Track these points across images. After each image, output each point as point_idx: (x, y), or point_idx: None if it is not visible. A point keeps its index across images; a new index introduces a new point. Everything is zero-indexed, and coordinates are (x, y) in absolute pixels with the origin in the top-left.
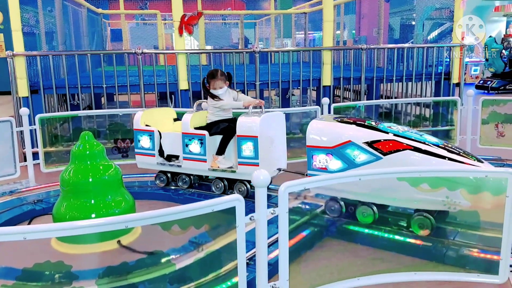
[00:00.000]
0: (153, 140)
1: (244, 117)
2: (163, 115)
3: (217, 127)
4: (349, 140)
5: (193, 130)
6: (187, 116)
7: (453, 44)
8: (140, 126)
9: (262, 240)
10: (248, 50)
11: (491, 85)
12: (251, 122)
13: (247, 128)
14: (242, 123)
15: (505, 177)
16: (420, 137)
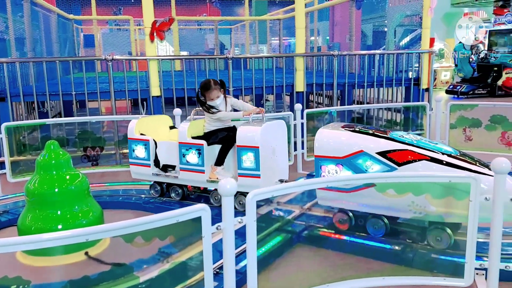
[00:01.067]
0: (148, 150)
1: (244, 127)
2: (158, 123)
3: (215, 136)
4: (361, 150)
5: (190, 139)
6: (184, 125)
7: (422, 50)
8: (134, 135)
9: (229, 249)
10: (221, 56)
11: (460, 90)
12: (251, 131)
13: (248, 138)
14: (243, 133)
15: (468, 181)
16: (435, 147)
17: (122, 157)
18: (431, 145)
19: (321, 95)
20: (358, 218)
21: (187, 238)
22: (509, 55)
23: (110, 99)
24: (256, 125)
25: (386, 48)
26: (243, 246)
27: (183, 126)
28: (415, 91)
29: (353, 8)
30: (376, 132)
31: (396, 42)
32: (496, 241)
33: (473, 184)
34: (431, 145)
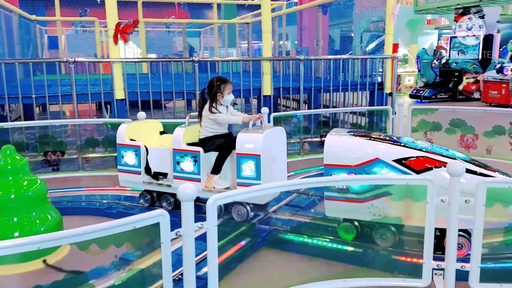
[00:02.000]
0: (139, 156)
1: (244, 134)
2: (148, 128)
3: (212, 143)
4: (377, 158)
5: (185, 146)
6: (179, 130)
7: (385, 55)
8: (124, 141)
9: (189, 255)
10: (188, 59)
11: (423, 94)
12: (253, 139)
13: (249, 146)
14: (243, 140)
15: (425, 184)
16: (449, 152)
17: (84, 162)
18: (445, 151)
19: (289, 99)
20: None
21: (147, 245)
22: (469, 61)
23: (71, 102)
24: (257, 132)
25: (353, 53)
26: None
27: (178, 132)
28: (379, 96)
29: (319, 13)
30: (387, 138)
31: (363, 47)
32: (452, 242)
33: (430, 186)
34: (446, 151)
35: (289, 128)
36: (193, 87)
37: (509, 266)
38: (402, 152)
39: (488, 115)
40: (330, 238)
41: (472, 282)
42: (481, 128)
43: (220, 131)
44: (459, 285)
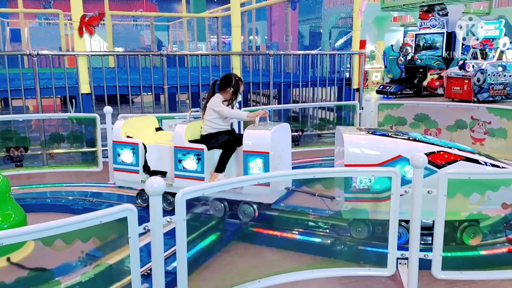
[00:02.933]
0: (137, 154)
1: (252, 130)
2: (144, 125)
3: (215, 140)
4: (399, 155)
5: (188, 143)
6: (180, 127)
7: (353, 51)
8: (120, 138)
9: (158, 250)
10: (156, 53)
11: (389, 90)
12: (261, 136)
13: (257, 143)
14: (251, 137)
15: (390, 175)
16: (460, 146)
17: (49, 157)
18: (456, 144)
19: (259, 94)
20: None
21: (115, 240)
22: (433, 57)
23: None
24: (265, 129)
25: (322, 49)
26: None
27: (180, 128)
28: (347, 91)
29: (288, 9)
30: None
31: (332, 43)
32: (415, 232)
33: (394, 178)
34: (457, 145)
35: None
36: (162, 81)
37: (469, 254)
38: (422, 148)
39: (450, 110)
40: (299, 231)
41: (435, 270)
42: (444, 122)
43: (223, 127)
44: (423, 274)
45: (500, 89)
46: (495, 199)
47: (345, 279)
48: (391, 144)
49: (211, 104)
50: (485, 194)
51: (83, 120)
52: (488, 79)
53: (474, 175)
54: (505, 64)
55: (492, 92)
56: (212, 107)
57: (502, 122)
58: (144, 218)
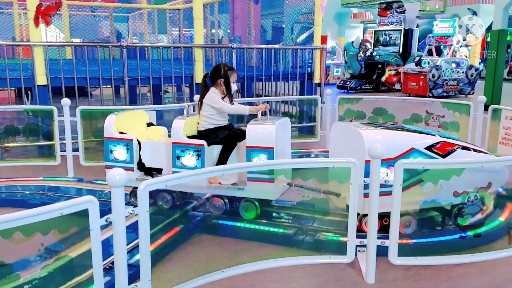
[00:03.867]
0: (131, 151)
1: (255, 125)
2: (135, 120)
3: (215, 135)
4: (412, 148)
5: (186, 139)
6: (179, 122)
7: (314, 47)
8: (113, 134)
9: (120, 242)
10: (115, 44)
11: (349, 85)
12: (265, 131)
13: (261, 138)
14: (254, 132)
15: (349, 166)
16: (449, 135)
17: (4, 151)
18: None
19: None
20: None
21: (77, 233)
22: (391, 54)
23: None
24: (268, 123)
25: (284, 43)
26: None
27: (178, 124)
28: (308, 85)
29: (251, 3)
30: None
31: (294, 38)
32: (373, 220)
33: (353, 168)
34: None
35: None
36: (121, 73)
37: (423, 241)
38: (429, 139)
39: (406, 104)
40: (263, 222)
41: (391, 256)
42: (401, 116)
43: (222, 123)
44: (380, 260)
45: (453, 85)
46: (448, 188)
47: (307, 267)
48: (404, 137)
49: (208, 100)
50: (438, 183)
51: (40, 113)
52: (442, 75)
53: (428, 165)
54: (458, 61)
55: (446, 88)
56: (209, 104)
57: (455, 116)
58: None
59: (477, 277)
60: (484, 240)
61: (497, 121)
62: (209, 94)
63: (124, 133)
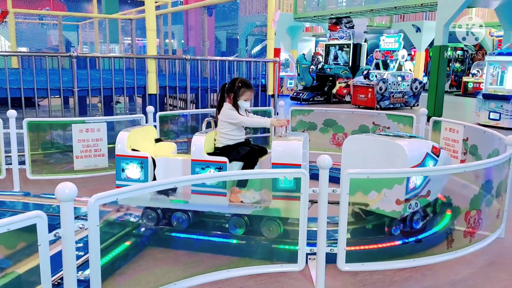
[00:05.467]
0: (146, 169)
1: (281, 141)
2: (144, 136)
3: (236, 152)
4: (426, 153)
5: (208, 156)
6: (199, 138)
7: (267, 59)
8: (126, 151)
9: (69, 257)
10: (65, 54)
11: (302, 96)
12: (292, 147)
13: (288, 155)
14: (281, 149)
15: (299, 176)
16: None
17: None
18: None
19: (176, 98)
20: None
21: (25, 249)
22: (341, 67)
23: None
24: (294, 140)
25: (239, 55)
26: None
27: (199, 140)
28: (262, 97)
29: (205, 15)
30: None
31: (248, 50)
32: (322, 228)
33: (303, 178)
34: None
35: (177, 128)
36: (71, 83)
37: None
38: (429, 144)
39: (355, 116)
40: (215, 233)
41: (340, 263)
42: (350, 127)
43: (240, 138)
44: (329, 267)
45: (399, 97)
46: (390, 196)
47: (259, 276)
48: (420, 144)
49: (225, 117)
50: (382, 191)
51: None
52: (389, 88)
53: (372, 174)
54: (403, 74)
55: (392, 100)
56: (227, 121)
57: (399, 127)
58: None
59: (420, 281)
60: (425, 246)
61: (438, 132)
62: (225, 111)
63: (137, 150)
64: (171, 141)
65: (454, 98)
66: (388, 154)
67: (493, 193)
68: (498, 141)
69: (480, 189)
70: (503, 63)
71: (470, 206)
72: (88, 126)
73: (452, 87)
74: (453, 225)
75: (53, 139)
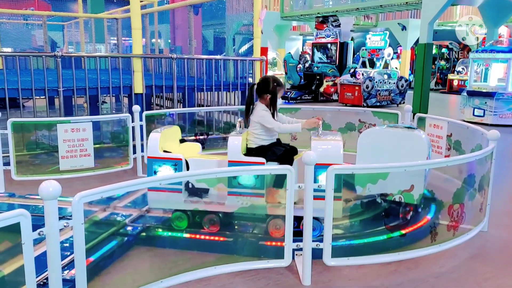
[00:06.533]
0: (180, 171)
1: (320, 142)
2: (172, 136)
3: (271, 153)
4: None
5: (245, 157)
6: (236, 139)
7: (254, 58)
8: (159, 153)
9: (54, 256)
10: (49, 54)
11: (290, 95)
12: (333, 147)
13: (329, 155)
14: (321, 149)
15: (284, 173)
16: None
17: None
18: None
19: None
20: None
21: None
22: (328, 65)
23: None
24: (334, 140)
25: (226, 54)
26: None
27: (236, 140)
28: None
29: (191, 13)
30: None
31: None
32: (308, 223)
33: (289, 174)
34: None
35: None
36: (56, 83)
37: (355, 242)
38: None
39: (341, 114)
40: (202, 231)
41: (326, 258)
42: (336, 125)
43: (273, 138)
44: (316, 262)
45: (385, 95)
46: (374, 191)
47: (246, 272)
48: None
49: (259, 119)
50: (366, 186)
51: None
52: (375, 86)
53: (357, 170)
54: (389, 72)
55: (379, 98)
56: (261, 122)
57: (385, 124)
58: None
59: (405, 274)
60: (409, 240)
61: (423, 128)
62: (259, 112)
63: (169, 152)
64: None
65: (439, 96)
66: (407, 146)
67: (476, 187)
68: (480, 136)
69: (463, 183)
70: (487, 60)
71: (453, 200)
72: (73, 126)
73: (438, 84)
74: (437, 219)
75: (38, 140)
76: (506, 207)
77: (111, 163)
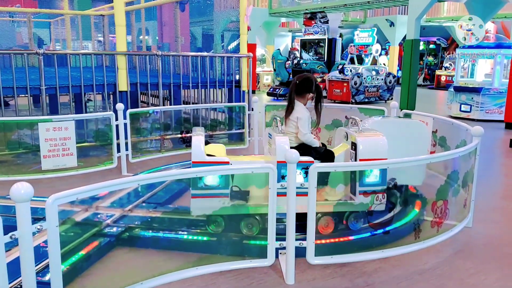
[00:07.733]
0: (226, 176)
1: (365, 137)
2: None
3: (314, 151)
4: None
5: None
6: (282, 139)
7: (240, 55)
8: (205, 158)
9: (28, 260)
10: (31, 51)
11: (279, 92)
12: (378, 142)
13: (374, 150)
14: (368, 144)
15: (267, 171)
16: None
17: None
18: None
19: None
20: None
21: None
22: (317, 62)
23: None
24: (377, 134)
25: (214, 51)
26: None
27: (282, 141)
28: (236, 93)
29: (177, 10)
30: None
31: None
32: (291, 222)
33: (271, 173)
34: None
35: (149, 125)
36: (39, 82)
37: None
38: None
39: (328, 110)
40: (184, 231)
41: (309, 256)
42: (323, 121)
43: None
44: (299, 261)
45: (374, 91)
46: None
47: (229, 272)
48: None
49: (298, 120)
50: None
51: None
52: (363, 82)
53: (340, 167)
54: (377, 69)
55: (367, 94)
56: (298, 124)
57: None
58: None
59: (389, 271)
60: (393, 237)
61: None
62: (301, 115)
63: (213, 155)
64: (143, 138)
65: (427, 91)
66: (410, 133)
67: (460, 183)
68: (465, 132)
69: (447, 179)
70: (473, 55)
71: (436, 197)
72: (55, 124)
73: (426, 80)
74: (421, 216)
75: (20, 139)
76: (491, 202)
77: (95, 162)
